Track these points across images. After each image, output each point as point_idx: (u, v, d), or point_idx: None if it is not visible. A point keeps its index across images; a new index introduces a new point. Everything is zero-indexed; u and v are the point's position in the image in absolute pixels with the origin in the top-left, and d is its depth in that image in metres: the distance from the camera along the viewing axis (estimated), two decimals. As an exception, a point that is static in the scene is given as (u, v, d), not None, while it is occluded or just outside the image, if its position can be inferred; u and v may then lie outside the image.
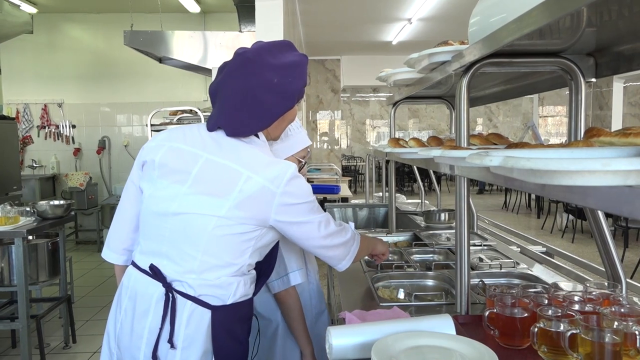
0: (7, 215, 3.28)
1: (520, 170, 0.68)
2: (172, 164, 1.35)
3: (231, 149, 1.34)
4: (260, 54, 1.37)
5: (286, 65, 1.37)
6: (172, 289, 1.30)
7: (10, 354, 3.69)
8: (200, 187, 1.31)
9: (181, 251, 1.31)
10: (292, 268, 1.68)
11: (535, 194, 9.62)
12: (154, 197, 1.36)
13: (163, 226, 1.33)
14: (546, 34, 1.15)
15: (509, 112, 14.93)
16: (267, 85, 1.34)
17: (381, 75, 2.17)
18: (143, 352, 1.31)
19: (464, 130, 1.36)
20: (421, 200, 4.24)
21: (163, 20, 6.00)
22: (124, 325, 1.36)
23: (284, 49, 1.41)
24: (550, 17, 0.89)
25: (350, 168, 13.76)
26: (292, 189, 1.31)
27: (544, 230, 8.17)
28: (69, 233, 7.20)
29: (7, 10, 4.51)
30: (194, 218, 1.30)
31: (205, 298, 1.31)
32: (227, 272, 1.32)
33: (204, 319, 1.31)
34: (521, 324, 1.28)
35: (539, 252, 2.50)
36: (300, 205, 1.33)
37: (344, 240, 1.47)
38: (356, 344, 1.24)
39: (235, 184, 1.28)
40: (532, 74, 1.66)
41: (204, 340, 1.32)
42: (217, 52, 4.17)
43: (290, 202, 1.31)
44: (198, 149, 1.36)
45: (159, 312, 1.30)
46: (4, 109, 7.38)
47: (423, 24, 7.46)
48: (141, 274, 1.36)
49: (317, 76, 10.22)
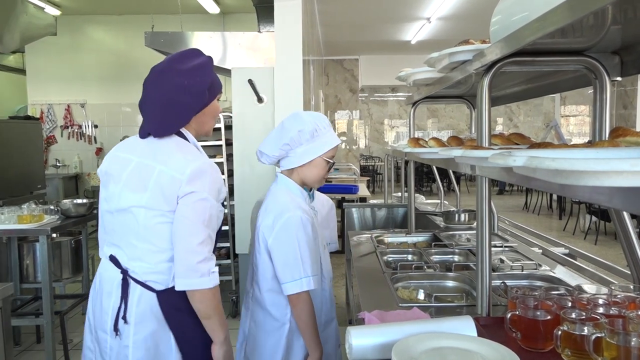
0: (32, 214, 3.35)
1: (545, 170, 0.67)
2: (112, 170, 1.62)
3: (154, 150, 1.57)
4: (170, 64, 1.61)
5: (193, 68, 1.59)
6: (127, 275, 1.55)
7: (35, 349, 3.77)
8: (129, 186, 1.55)
9: (127, 242, 1.56)
10: (308, 273, 1.67)
11: (557, 195, 9.49)
12: (102, 198, 1.64)
13: (112, 221, 1.60)
14: (570, 33, 1.13)
15: (530, 112, 14.73)
16: (179, 88, 1.56)
17: (401, 75, 2.16)
18: (109, 325, 1.55)
19: (486, 130, 1.35)
20: (440, 201, 4.21)
21: (183, 21, 6.06)
22: (96, 304, 1.61)
23: (190, 56, 1.64)
24: (574, 16, 0.87)
25: (368, 168, 13.73)
26: (195, 178, 1.50)
27: (566, 232, 8.03)
28: (91, 231, 7.32)
29: (32, 12, 4.61)
30: (127, 212, 1.54)
31: (150, 283, 1.54)
32: (164, 258, 1.53)
33: (152, 301, 1.54)
34: (544, 326, 1.26)
35: (561, 254, 2.47)
36: (198, 193, 1.49)
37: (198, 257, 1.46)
38: (376, 345, 1.23)
39: (150, 177, 1.52)
40: (555, 73, 1.64)
41: (154, 318, 1.54)
42: (236, 53, 4.21)
43: (189, 190, 1.49)
44: (131, 154, 1.61)
45: (119, 293, 1.54)
46: (29, 109, 7.54)
47: (442, 23, 7.40)
48: (107, 261, 1.61)
49: (336, 76, 10.20)
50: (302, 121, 1.76)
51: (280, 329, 1.75)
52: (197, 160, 1.54)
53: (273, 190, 1.82)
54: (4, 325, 1.99)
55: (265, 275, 1.74)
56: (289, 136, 1.75)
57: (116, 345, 1.54)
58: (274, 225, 1.69)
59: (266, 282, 1.75)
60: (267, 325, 1.76)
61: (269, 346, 1.75)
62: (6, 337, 2.00)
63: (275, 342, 1.74)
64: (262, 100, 3.89)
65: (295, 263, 1.66)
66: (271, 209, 1.74)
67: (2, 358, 1.97)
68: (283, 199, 1.75)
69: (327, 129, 1.79)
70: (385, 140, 15.37)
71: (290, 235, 1.67)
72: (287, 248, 1.67)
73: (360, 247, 2.68)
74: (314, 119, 1.78)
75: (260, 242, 1.74)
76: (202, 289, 1.47)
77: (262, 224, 1.74)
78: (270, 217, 1.71)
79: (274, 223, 1.69)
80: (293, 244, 1.67)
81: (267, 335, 1.76)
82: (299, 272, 1.66)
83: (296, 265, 1.65)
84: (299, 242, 1.66)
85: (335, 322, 1.94)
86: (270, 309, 1.75)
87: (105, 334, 1.56)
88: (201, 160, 1.55)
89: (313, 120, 1.77)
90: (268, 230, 1.70)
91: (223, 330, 1.55)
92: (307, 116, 1.79)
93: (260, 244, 1.74)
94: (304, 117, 1.78)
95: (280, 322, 1.75)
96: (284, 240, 1.68)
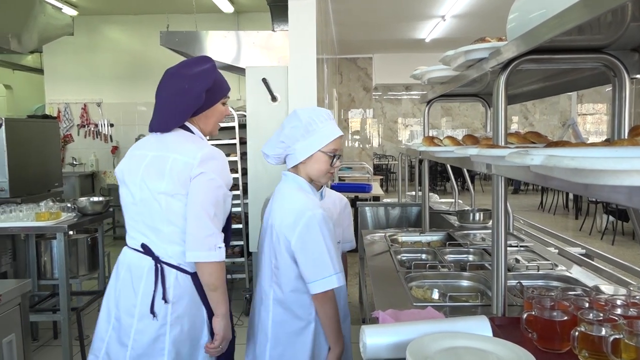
0: (49, 211, 3.40)
1: (563, 169, 0.67)
2: (129, 166, 1.78)
3: (166, 142, 1.74)
4: (178, 69, 1.81)
5: (195, 74, 1.76)
6: (160, 261, 1.69)
7: (52, 344, 3.82)
8: (148, 176, 1.70)
9: (154, 228, 1.69)
10: (336, 269, 1.65)
11: (574, 194, 9.37)
12: (124, 193, 1.78)
13: (137, 211, 1.73)
14: (588, 30, 1.11)
15: (546, 110, 14.56)
16: (179, 91, 1.74)
17: (416, 73, 2.15)
18: (138, 308, 1.68)
19: (502, 129, 1.34)
20: (454, 200, 4.19)
21: (197, 21, 6.10)
22: (122, 290, 1.72)
23: (198, 62, 1.82)
24: (593, 13, 0.86)
25: (381, 167, 13.69)
26: (206, 161, 1.67)
27: (582, 232, 7.93)
28: (107, 229, 7.41)
29: (50, 13, 4.67)
30: (150, 200, 1.68)
31: (183, 266, 1.70)
32: None
33: (187, 282, 1.70)
34: (561, 327, 1.24)
35: (578, 254, 2.44)
36: (207, 174, 1.66)
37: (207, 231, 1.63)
38: (390, 344, 1.23)
39: (166, 165, 1.68)
40: (572, 70, 1.61)
41: (189, 297, 1.70)
42: (250, 52, 4.22)
43: (200, 171, 1.65)
44: (145, 150, 1.78)
45: (151, 278, 1.67)
46: (47, 108, 7.64)
47: (457, 21, 7.34)
48: (133, 251, 1.74)
49: (349, 74, 10.18)
50: (296, 117, 1.76)
51: (306, 328, 1.72)
52: (207, 147, 1.73)
53: (283, 189, 1.79)
54: (22, 320, 2.03)
55: (288, 275, 1.70)
56: (283, 133, 1.76)
57: (146, 327, 1.66)
58: (295, 224, 1.65)
59: (289, 282, 1.71)
60: (293, 326, 1.72)
61: (298, 347, 1.71)
62: (25, 332, 2.04)
63: (303, 343, 1.71)
64: (276, 99, 3.89)
65: (323, 261, 1.63)
66: (289, 208, 1.70)
67: (21, 352, 2.00)
68: (299, 197, 1.73)
69: (324, 122, 1.75)
70: (398, 139, 15.31)
71: (316, 234, 1.64)
72: (313, 247, 1.64)
73: (374, 246, 2.68)
74: (310, 113, 1.76)
75: (281, 243, 1.69)
76: (210, 262, 1.63)
77: (281, 224, 1.69)
78: (290, 216, 1.67)
79: (296, 222, 1.65)
80: (319, 242, 1.64)
81: (294, 336, 1.72)
82: (328, 270, 1.64)
83: (325, 263, 1.63)
84: (324, 240, 1.64)
85: (349, 318, 1.94)
86: (295, 309, 1.72)
87: (132, 318, 1.68)
88: (210, 147, 1.74)
89: (308, 114, 1.75)
90: (289, 230, 1.66)
91: (225, 303, 1.70)
92: (302, 112, 1.77)
93: (280, 245, 1.69)
94: (299, 113, 1.77)
95: (306, 322, 1.72)
96: (309, 239, 1.65)
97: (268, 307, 1.76)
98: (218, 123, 1.89)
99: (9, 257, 3.79)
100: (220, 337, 1.69)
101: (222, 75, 1.93)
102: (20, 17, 4.19)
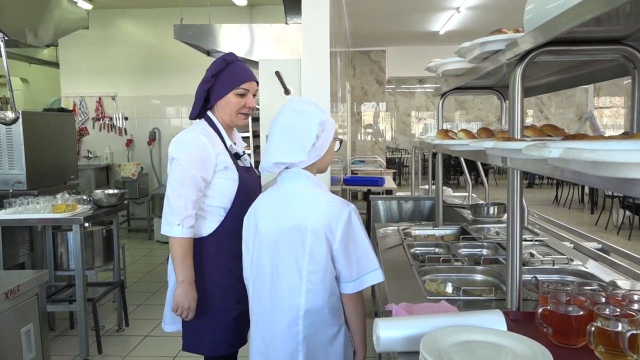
0: (66, 203, 3.44)
1: (583, 162, 0.66)
2: None
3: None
4: (212, 63, 2.00)
5: (212, 65, 1.98)
6: None
7: (69, 334, 3.89)
8: None
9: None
10: (379, 263, 1.61)
11: (590, 188, 9.25)
12: None
13: None
14: (607, 21, 1.09)
15: (562, 103, 14.36)
16: (200, 84, 1.98)
17: (430, 66, 2.13)
18: None
19: (518, 122, 1.32)
20: (468, 194, 4.16)
21: (211, 14, 6.11)
22: None
23: (222, 57, 2.00)
24: (613, 3, 0.84)
25: (394, 160, 13.64)
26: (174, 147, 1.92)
27: (598, 227, 7.83)
28: (121, 221, 7.49)
29: (66, 7, 4.71)
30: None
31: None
32: None
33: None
34: (577, 322, 1.23)
35: (593, 249, 2.41)
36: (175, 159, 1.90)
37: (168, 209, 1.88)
38: (404, 337, 1.23)
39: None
40: (590, 62, 1.59)
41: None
42: (263, 45, 4.22)
43: (170, 157, 1.92)
44: None
45: None
46: (62, 101, 7.72)
47: (472, 12, 7.25)
48: None
49: (362, 67, 10.12)
50: (311, 114, 1.64)
51: (338, 334, 1.62)
52: (182, 134, 1.95)
53: (298, 189, 1.63)
54: (40, 310, 2.06)
55: (329, 279, 1.58)
56: (312, 135, 1.61)
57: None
58: (337, 223, 1.55)
59: (330, 286, 1.58)
60: (327, 334, 1.60)
61: (330, 357, 1.61)
62: (42, 322, 2.07)
63: (336, 352, 1.61)
64: (289, 92, 3.89)
65: (368, 255, 1.58)
66: (321, 207, 1.58)
67: (38, 341, 2.03)
68: (324, 196, 1.62)
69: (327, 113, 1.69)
70: (412, 132, 15.22)
71: (358, 229, 1.58)
72: (358, 242, 1.57)
73: (387, 240, 2.67)
74: (314, 106, 1.67)
75: (322, 245, 1.55)
76: (169, 236, 1.87)
77: (318, 225, 1.55)
78: (327, 215, 1.55)
79: (337, 221, 1.55)
80: (363, 237, 1.59)
81: (327, 346, 1.60)
82: (373, 264, 1.59)
83: (370, 258, 1.59)
84: (365, 235, 1.59)
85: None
86: (329, 316, 1.59)
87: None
88: (183, 134, 1.94)
89: (315, 108, 1.66)
90: (330, 231, 1.54)
91: (181, 272, 1.87)
92: (306, 106, 1.67)
93: (320, 248, 1.55)
94: (307, 109, 1.65)
95: (338, 326, 1.62)
96: (353, 236, 1.57)
97: (296, 322, 1.57)
98: (238, 114, 1.99)
99: (27, 248, 3.86)
100: (175, 303, 1.88)
101: (247, 69, 1.99)
102: (37, 11, 4.23)
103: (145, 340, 3.75)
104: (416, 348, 1.13)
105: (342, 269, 1.57)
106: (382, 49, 10.05)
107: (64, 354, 3.51)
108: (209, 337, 1.94)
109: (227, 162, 1.94)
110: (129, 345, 3.69)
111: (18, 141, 4.06)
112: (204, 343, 1.95)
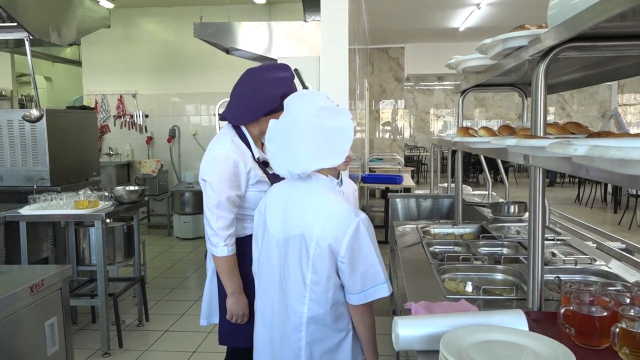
0: (88, 199, 3.50)
1: (609, 160, 0.64)
2: None
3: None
4: (260, 71, 1.97)
5: (275, 79, 1.93)
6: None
7: (91, 328, 3.96)
8: None
9: None
10: (387, 277, 1.56)
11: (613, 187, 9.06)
12: None
13: None
14: (631, 16, 1.07)
15: (584, 101, 14.11)
16: (258, 90, 1.92)
17: (451, 62, 2.11)
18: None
19: (541, 119, 1.30)
20: (488, 192, 4.11)
21: (230, 12, 6.14)
22: None
23: (279, 68, 1.99)
24: (642, -3, 0.82)
25: (413, 158, 13.56)
26: (204, 168, 1.96)
27: (621, 226, 7.68)
28: (142, 217, 7.59)
29: (88, 6, 4.78)
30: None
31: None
32: None
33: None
34: (600, 323, 1.21)
35: (617, 249, 2.36)
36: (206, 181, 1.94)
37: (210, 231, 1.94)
38: (423, 335, 1.22)
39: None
40: (616, 58, 1.55)
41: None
42: (282, 42, 4.22)
43: (202, 179, 1.97)
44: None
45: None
46: (84, 99, 7.85)
47: (492, 8, 7.16)
48: None
49: (381, 65, 10.07)
50: (342, 112, 1.58)
51: (345, 340, 1.60)
52: (211, 152, 1.94)
53: (309, 193, 1.59)
54: (63, 304, 2.10)
55: (332, 290, 1.55)
56: (349, 136, 1.56)
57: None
58: (343, 234, 1.50)
59: (332, 297, 1.55)
60: (333, 340, 1.58)
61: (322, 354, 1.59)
62: (65, 316, 2.11)
63: (345, 356, 1.60)
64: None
65: (375, 269, 1.53)
66: (328, 216, 1.53)
67: (62, 335, 2.08)
68: (334, 203, 1.56)
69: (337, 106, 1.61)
70: (430, 130, 15.11)
71: (366, 241, 1.52)
72: (365, 255, 1.52)
73: (406, 238, 2.66)
74: (334, 102, 1.60)
75: (325, 256, 1.52)
76: (213, 255, 1.96)
77: (323, 236, 1.51)
78: (333, 226, 1.51)
79: (343, 232, 1.50)
80: (370, 250, 1.53)
81: (333, 352, 1.59)
82: (378, 278, 1.53)
83: (376, 272, 1.53)
84: (374, 246, 1.54)
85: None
86: (334, 323, 1.57)
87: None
88: (213, 153, 1.93)
89: (336, 104, 1.60)
90: (336, 241, 1.50)
91: (230, 286, 1.96)
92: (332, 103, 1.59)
93: (324, 259, 1.52)
94: (335, 107, 1.58)
95: (345, 332, 1.60)
96: (360, 248, 1.51)
97: (299, 328, 1.57)
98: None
99: (50, 244, 3.94)
100: (229, 312, 1.98)
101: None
102: (60, 10, 4.31)
103: (165, 335, 3.80)
104: (436, 347, 1.13)
105: (346, 280, 1.53)
106: (401, 46, 9.98)
107: (85, 347, 3.57)
108: (243, 330, 2.01)
109: (258, 175, 1.97)
110: (149, 339, 3.74)
111: (42, 138, 4.14)
112: (239, 336, 2.03)
